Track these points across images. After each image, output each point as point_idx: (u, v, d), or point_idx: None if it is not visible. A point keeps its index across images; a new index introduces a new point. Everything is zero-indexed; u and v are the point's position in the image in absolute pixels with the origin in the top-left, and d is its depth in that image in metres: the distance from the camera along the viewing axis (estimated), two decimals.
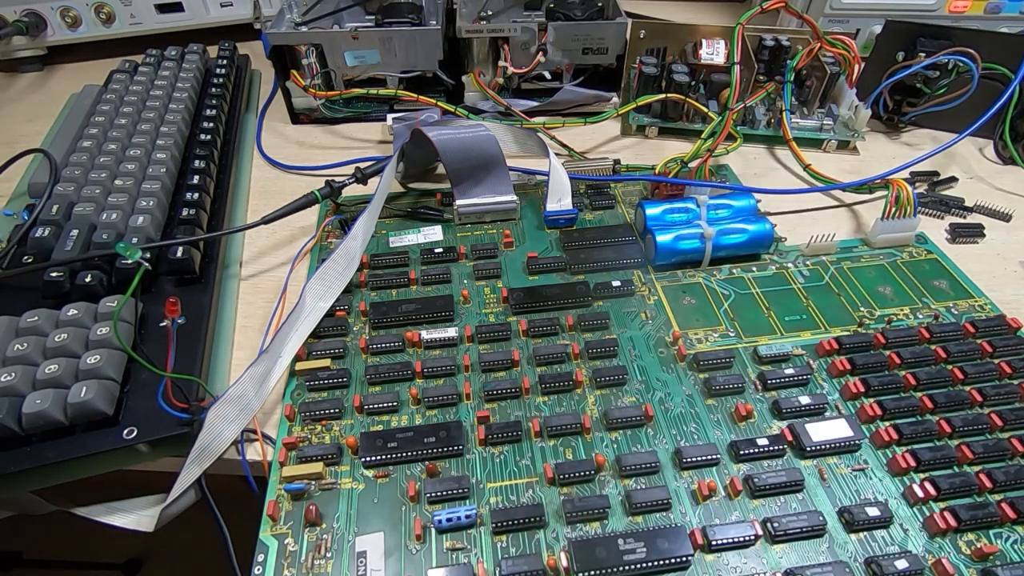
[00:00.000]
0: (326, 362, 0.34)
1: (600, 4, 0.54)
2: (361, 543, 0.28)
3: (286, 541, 0.28)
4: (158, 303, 0.34)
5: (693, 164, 0.43)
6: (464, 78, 0.53)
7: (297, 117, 0.55)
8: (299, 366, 0.34)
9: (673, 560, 0.26)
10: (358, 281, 0.39)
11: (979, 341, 0.35)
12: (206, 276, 0.38)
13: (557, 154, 0.46)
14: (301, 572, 0.27)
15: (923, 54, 0.48)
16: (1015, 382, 0.34)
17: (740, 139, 0.49)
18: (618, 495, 0.29)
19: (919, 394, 0.33)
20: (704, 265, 0.41)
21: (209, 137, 0.48)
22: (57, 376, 0.30)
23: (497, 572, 0.26)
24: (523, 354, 0.35)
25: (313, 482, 0.30)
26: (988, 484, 0.29)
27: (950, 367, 0.34)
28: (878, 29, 0.51)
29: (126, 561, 0.85)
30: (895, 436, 0.31)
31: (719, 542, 0.27)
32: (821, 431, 0.31)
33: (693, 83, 0.51)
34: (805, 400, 0.32)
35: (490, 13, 0.53)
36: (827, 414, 0.32)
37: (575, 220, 0.43)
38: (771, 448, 0.30)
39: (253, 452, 0.31)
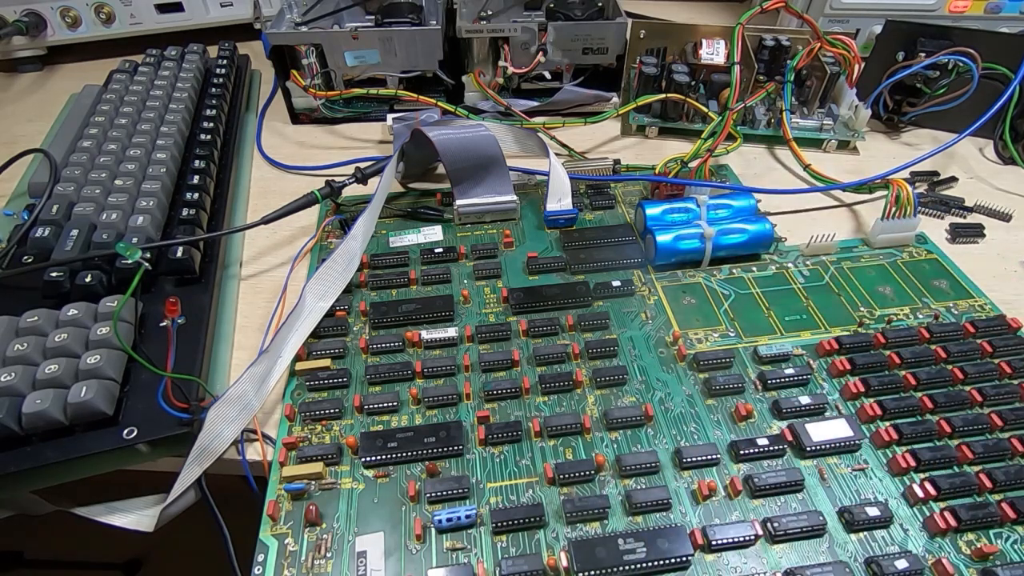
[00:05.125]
0: (326, 362, 0.34)
1: (600, 4, 0.54)
2: (361, 543, 0.28)
3: (286, 541, 0.28)
4: (158, 303, 0.34)
5: (693, 164, 0.43)
6: (464, 78, 0.53)
7: (297, 117, 0.55)
8: (299, 366, 0.34)
9: (673, 560, 0.26)
10: (358, 281, 0.39)
11: (979, 341, 0.35)
12: (206, 276, 0.38)
13: (557, 154, 0.46)
14: (301, 572, 0.27)
15: (923, 54, 0.48)
16: (1015, 382, 0.34)
17: (740, 139, 0.49)
18: (618, 495, 0.29)
19: (919, 394, 0.33)
20: (704, 265, 0.41)
21: (209, 137, 0.48)
22: (57, 376, 0.30)
23: (497, 572, 0.26)
24: (523, 354, 0.35)
25: (313, 482, 0.30)
26: (988, 484, 0.29)
27: (950, 367, 0.34)
28: (878, 29, 0.51)
29: (126, 561, 0.85)
30: (895, 436, 0.31)
31: (719, 542, 0.27)
32: (821, 431, 0.31)
33: (693, 83, 0.51)
34: (805, 400, 0.32)
35: (490, 13, 0.53)
36: (827, 414, 0.32)
37: (575, 220, 0.43)
38: (771, 448, 0.30)
39: (253, 452, 0.31)
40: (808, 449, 0.30)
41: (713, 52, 0.51)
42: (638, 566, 0.26)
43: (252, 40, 0.67)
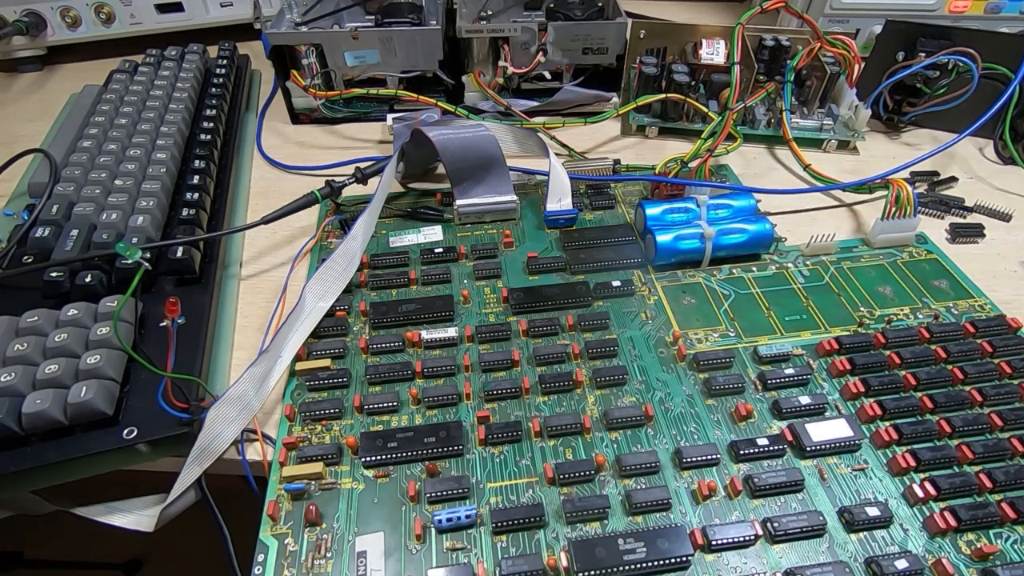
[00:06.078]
0: (326, 362, 0.34)
1: (600, 4, 0.54)
2: (361, 543, 0.28)
3: (286, 541, 0.28)
4: (158, 303, 0.34)
5: (693, 164, 0.43)
6: (464, 78, 0.53)
7: (297, 117, 0.55)
8: (299, 366, 0.34)
9: (673, 560, 0.26)
10: (358, 281, 0.39)
11: (979, 341, 0.35)
12: (206, 276, 0.38)
13: (557, 154, 0.46)
14: (301, 572, 0.27)
15: (923, 54, 0.48)
16: (1015, 382, 0.34)
17: (740, 139, 0.49)
18: (618, 495, 0.29)
19: (919, 394, 0.33)
20: (704, 265, 0.41)
21: (209, 137, 0.48)
22: (57, 376, 0.30)
23: (497, 572, 0.26)
24: (523, 354, 0.35)
25: (313, 482, 0.30)
26: (988, 484, 0.29)
27: (950, 367, 0.34)
28: (878, 29, 0.51)
29: (126, 561, 0.85)
30: (895, 436, 0.31)
31: (719, 542, 0.27)
32: (821, 431, 0.31)
33: (693, 83, 0.51)
34: (805, 400, 0.32)
35: (490, 13, 0.53)
36: (827, 414, 0.32)
37: (575, 220, 0.43)
38: (771, 448, 0.30)
39: (253, 452, 0.31)
40: (808, 449, 0.30)
41: (713, 52, 0.51)
42: (638, 566, 0.26)
43: (252, 40, 0.67)
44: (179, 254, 0.37)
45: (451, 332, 0.36)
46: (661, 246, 0.39)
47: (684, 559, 0.27)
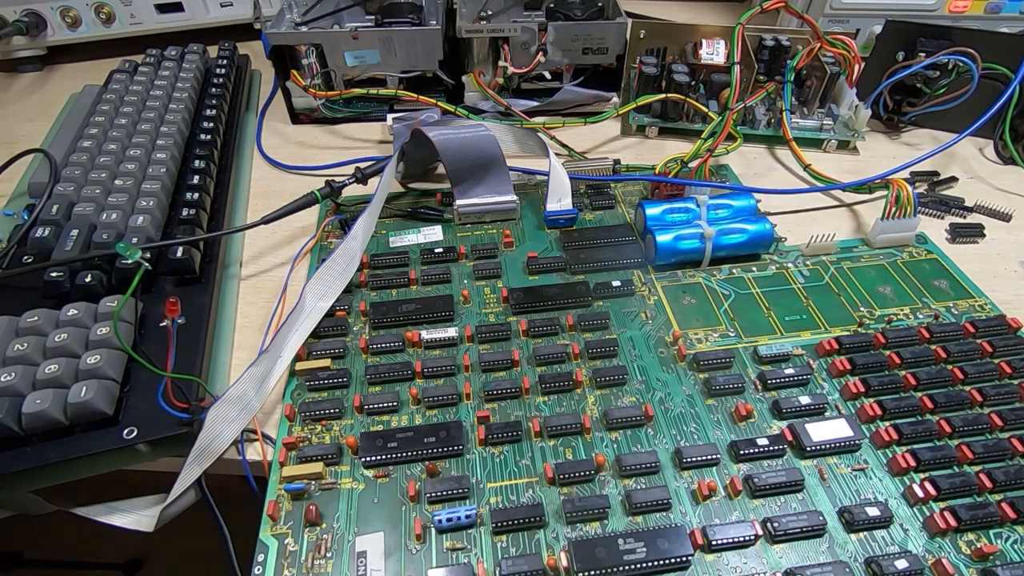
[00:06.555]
0: (326, 362, 0.34)
1: (600, 4, 0.54)
2: (361, 543, 0.28)
3: (286, 541, 0.28)
4: (158, 303, 0.34)
5: (693, 164, 0.43)
6: (464, 78, 0.53)
7: (297, 117, 0.55)
8: (299, 366, 0.34)
9: (673, 560, 0.26)
10: (358, 281, 0.39)
11: (979, 341, 0.35)
12: (206, 276, 0.38)
13: (557, 154, 0.46)
14: (301, 572, 0.27)
15: (923, 54, 0.48)
16: (1015, 382, 0.34)
17: (740, 139, 0.49)
18: (618, 495, 0.29)
19: (919, 394, 0.33)
20: (704, 265, 0.41)
21: (209, 137, 0.48)
22: (57, 376, 0.30)
23: (497, 572, 0.26)
24: (523, 354, 0.35)
25: (313, 482, 0.30)
26: (988, 484, 0.29)
27: (950, 367, 0.34)
28: (878, 29, 0.51)
29: (126, 561, 0.85)
30: (895, 436, 0.31)
31: (719, 542, 0.27)
32: (821, 431, 0.31)
33: (693, 83, 0.51)
34: (805, 400, 0.32)
35: (490, 13, 0.53)
36: (827, 414, 0.32)
37: (575, 220, 0.43)
38: (771, 448, 0.30)
39: (253, 452, 0.31)
40: (808, 449, 0.30)
41: (713, 52, 0.51)
42: (638, 566, 0.26)
43: (252, 40, 0.67)
44: (179, 254, 0.37)
45: (451, 332, 0.36)
46: (661, 246, 0.39)
47: (684, 559, 0.27)
